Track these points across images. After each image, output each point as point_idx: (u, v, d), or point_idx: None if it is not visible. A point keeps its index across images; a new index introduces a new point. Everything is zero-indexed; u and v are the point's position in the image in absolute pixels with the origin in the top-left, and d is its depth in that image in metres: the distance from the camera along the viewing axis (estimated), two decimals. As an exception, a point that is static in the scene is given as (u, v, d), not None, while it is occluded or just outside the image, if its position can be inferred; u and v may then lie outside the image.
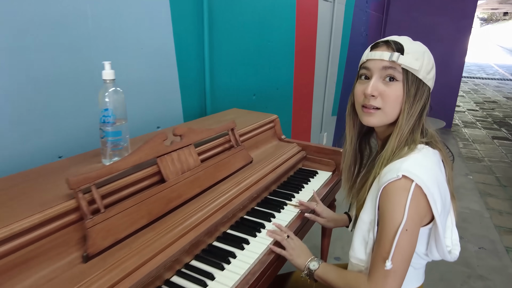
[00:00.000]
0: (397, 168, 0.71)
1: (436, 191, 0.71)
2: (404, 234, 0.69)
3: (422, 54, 0.77)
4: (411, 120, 0.76)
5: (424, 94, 0.77)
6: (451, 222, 0.84)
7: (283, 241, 0.91)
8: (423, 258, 0.81)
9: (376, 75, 0.78)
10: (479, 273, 1.98)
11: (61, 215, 0.70)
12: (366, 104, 0.79)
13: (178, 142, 0.98)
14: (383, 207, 0.73)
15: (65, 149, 1.03)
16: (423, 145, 0.77)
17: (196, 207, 0.91)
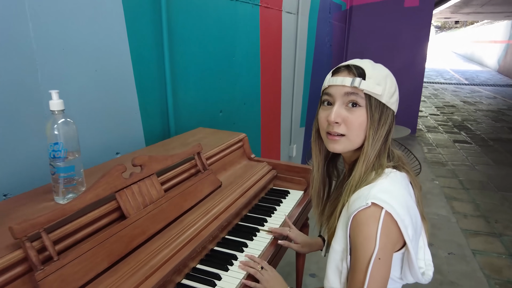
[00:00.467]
0: (366, 195, 0.72)
1: (406, 217, 0.73)
2: (377, 263, 0.70)
3: (384, 78, 0.78)
4: (377, 145, 0.77)
5: (389, 118, 0.79)
6: (423, 243, 0.87)
7: (256, 274, 0.89)
8: (398, 282, 0.82)
9: (338, 101, 0.78)
10: (450, 279, 2.07)
11: (6, 268, 0.63)
12: (330, 131, 0.79)
13: (138, 173, 0.93)
14: (354, 236, 0.73)
15: (11, 186, 0.95)
16: (391, 169, 0.79)
17: (161, 243, 0.87)
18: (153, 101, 1.42)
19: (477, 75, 13.28)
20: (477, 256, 2.32)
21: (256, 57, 2.27)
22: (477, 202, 3.15)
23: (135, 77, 1.31)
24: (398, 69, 5.10)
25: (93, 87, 1.15)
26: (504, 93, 9.39)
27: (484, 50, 16.08)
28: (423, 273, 0.83)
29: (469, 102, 8.16)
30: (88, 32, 1.10)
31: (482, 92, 9.55)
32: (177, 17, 1.49)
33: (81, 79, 1.10)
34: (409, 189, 0.81)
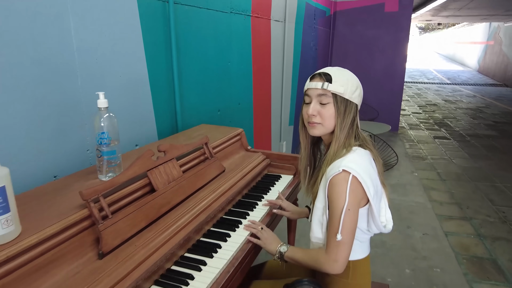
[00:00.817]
0: (338, 165, 1.00)
1: (368, 180, 1.01)
2: (347, 213, 0.97)
3: (347, 81, 1.06)
4: (345, 129, 1.06)
5: (352, 109, 1.07)
6: (384, 204, 1.14)
7: (257, 233, 1.16)
8: (366, 233, 1.10)
9: (314, 100, 1.07)
10: (423, 255, 2.37)
11: (78, 221, 0.88)
12: (310, 121, 1.08)
13: (163, 157, 1.19)
14: (330, 195, 1.00)
15: (59, 169, 1.19)
16: (357, 147, 1.07)
17: (183, 211, 1.13)
18: (164, 103, 1.68)
19: (459, 75, 13.86)
20: (449, 237, 2.62)
21: (248, 62, 2.55)
22: (452, 191, 3.48)
23: (150, 83, 1.56)
24: (379, 70, 5.45)
25: (119, 90, 1.40)
26: (483, 92, 9.90)
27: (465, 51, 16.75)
28: (385, 226, 1.10)
29: (450, 100, 8.60)
30: (116, 46, 1.35)
31: (463, 91, 10.04)
32: (182, 29, 1.75)
33: (110, 83, 1.35)
34: (371, 162, 1.09)
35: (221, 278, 0.95)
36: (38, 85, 1.09)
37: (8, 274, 0.73)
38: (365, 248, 1.13)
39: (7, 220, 0.74)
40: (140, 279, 0.87)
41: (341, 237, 0.97)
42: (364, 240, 1.12)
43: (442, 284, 2.10)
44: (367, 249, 1.15)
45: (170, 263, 0.99)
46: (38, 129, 1.11)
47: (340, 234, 0.97)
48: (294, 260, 1.09)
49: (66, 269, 0.83)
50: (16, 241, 0.76)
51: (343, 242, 0.98)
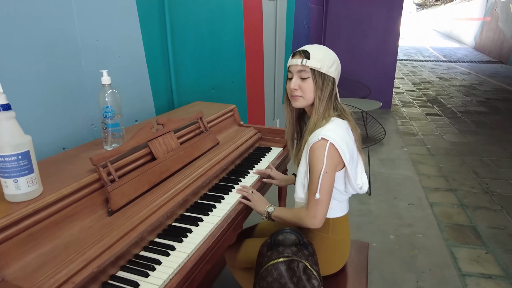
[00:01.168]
0: (318, 134, 1.13)
1: (344, 146, 1.14)
2: (325, 175, 1.11)
3: (324, 57, 1.17)
4: (323, 101, 1.18)
5: (330, 82, 1.18)
6: (361, 169, 1.29)
7: (248, 195, 1.30)
8: (344, 194, 1.24)
9: (295, 75, 1.19)
10: (407, 222, 2.55)
11: (90, 183, 1.02)
12: (292, 95, 1.21)
13: (162, 129, 1.31)
14: (311, 160, 1.14)
15: (67, 142, 1.32)
16: (335, 118, 1.20)
17: (181, 177, 1.26)
18: (161, 81, 1.78)
19: (455, 52, 13.87)
20: (433, 207, 2.80)
21: (241, 41, 2.63)
22: (440, 165, 3.65)
23: (147, 62, 1.67)
24: (372, 48, 5.52)
25: (118, 70, 1.51)
26: (478, 69, 9.99)
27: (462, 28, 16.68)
28: (361, 188, 1.25)
29: (445, 78, 8.70)
30: (115, 28, 1.45)
31: (458, 69, 10.12)
32: (177, 10, 1.83)
33: (110, 63, 1.46)
34: (348, 131, 1.22)
35: (216, 232, 1.10)
36: (46, 66, 1.20)
37: (33, 225, 0.87)
38: (343, 207, 1.28)
39: (32, 179, 0.87)
40: (145, 232, 1.01)
41: (319, 196, 1.11)
42: (342, 200, 1.26)
43: (423, 247, 2.28)
44: (346, 208, 1.30)
45: (171, 220, 1.14)
46: (47, 106, 1.23)
47: (318, 193, 1.11)
48: (280, 218, 1.24)
49: (81, 224, 0.97)
50: (39, 198, 0.90)
51: (321, 200, 1.12)
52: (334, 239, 1.27)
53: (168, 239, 1.05)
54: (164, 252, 0.98)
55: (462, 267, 2.14)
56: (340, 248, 1.30)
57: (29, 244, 0.84)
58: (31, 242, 0.85)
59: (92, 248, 0.89)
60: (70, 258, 0.84)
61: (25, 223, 0.85)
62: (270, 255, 1.05)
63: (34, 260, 0.82)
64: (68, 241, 0.90)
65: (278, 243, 1.07)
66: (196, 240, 1.04)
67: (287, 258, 1.02)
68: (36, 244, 0.85)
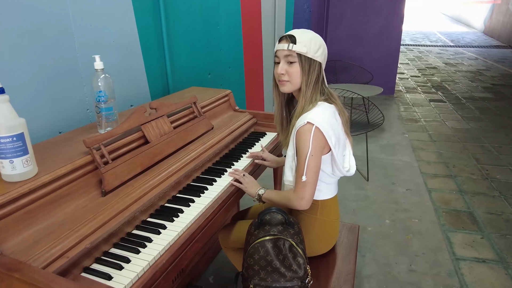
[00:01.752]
0: (304, 118, 1.16)
1: (330, 130, 1.17)
2: (311, 158, 1.15)
3: (309, 41, 1.19)
4: (310, 85, 1.21)
5: (316, 67, 1.21)
6: (348, 151, 1.32)
7: (240, 178, 1.35)
8: (331, 176, 1.29)
9: (282, 60, 1.21)
10: (404, 207, 2.60)
11: (84, 165, 1.07)
12: (280, 79, 1.23)
13: (155, 114, 1.35)
14: (297, 143, 1.18)
15: (63, 125, 1.36)
16: (322, 102, 1.23)
17: (174, 160, 1.31)
18: (155, 65, 1.82)
19: (463, 36, 13.65)
20: (432, 193, 2.84)
21: (238, 25, 2.64)
22: (441, 151, 3.67)
23: (141, 46, 1.70)
24: (375, 33, 5.47)
25: (113, 54, 1.54)
26: (486, 54, 9.85)
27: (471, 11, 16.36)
28: (348, 170, 1.29)
29: (451, 63, 8.60)
30: (108, 11, 1.48)
31: (465, 54, 9.98)
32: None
33: (104, 47, 1.49)
34: (335, 115, 1.25)
35: (206, 212, 1.15)
36: (40, 51, 1.24)
37: (29, 204, 0.92)
38: (332, 189, 1.32)
39: (27, 160, 0.92)
40: (137, 211, 1.07)
41: (306, 178, 1.15)
42: (330, 182, 1.30)
43: (418, 232, 2.33)
44: (334, 190, 1.34)
45: (163, 201, 1.19)
46: (42, 90, 1.27)
47: (305, 175, 1.15)
48: (270, 200, 1.28)
49: (75, 203, 1.02)
50: (34, 178, 0.95)
51: (308, 182, 1.16)
52: (323, 220, 1.31)
53: (160, 218, 1.10)
54: (155, 231, 1.04)
55: (457, 252, 2.19)
56: (329, 229, 1.35)
57: (26, 221, 0.90)
58: (28, 220, 0.90)
59: (86, 225, 0.94)
60: (64, 234, 0.90)
61: (22, 201, 0.90)
62: (257, 233, 1.10)
63: (31, 236, 0.88)
64: (63, 219, 0.95)
65: (265, 222, 1.12)
66: (187, 220, 1.09)
67: (273, 236, 1.07)
68: (33, 221, 0.91)
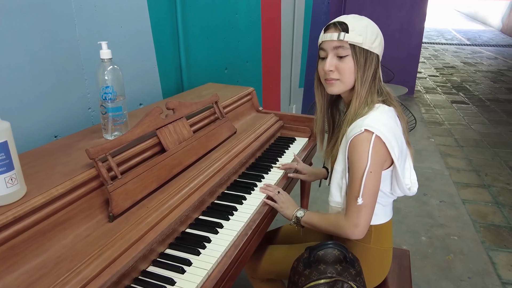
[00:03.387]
0: (360, 125, 0.95)
1: (393, 139, 0.97)
2: (369, 175, 0.94)
3: (365, 28, 0.98)
4: (366, 84, 1.00)
5: (373, 60, 1.00)
6: (409, 165, 1.11)
7: (274, 196, 1.14)
8: (389, 196, 1.08)
9: (330, 53, 1.00)
10: (440, 222, 2.39)
11: (86, 182, 0.86)
12: (327, 78, 1.02)
13: (172, 115, 1.15)
14: (351, 156, 0.97)
15: (59, 128, 1.15)
16: (380, 104, 1.02)
17: (196, 172, 1.10)
18: (169, 58, 1.61)
19: (480, 35, 13.40)
20: (466, 204, 2.63)
21: (257, 16, 2.43)
22: (470, 158, 3.46)
23: (153, 35, 1.49)
24: (395, 29, 5.25)
25: (120, 43, 1.33)
26: (506, 54, 9.61)
27: (488, 8, 16.09)
28: (409, 188, 1.08)
29: (470, 63, 8.37)
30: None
31: (484, 53, 9.75)
32: (186, -25, 1.64)
33: (110, 35, 1.28)
34: (396, 120, 1.04)
35: (239, 241, 0.94)
36: (32, 36, 1.03)
37: (14, 236, 0.71)
38: (388, 212, 1.12)
39: (11, 178, 0.71)
40: (155, 242, 0.86)
41: (362, 201, 0.94)
42: (386, 204, 1.10)
43: (459, 251, 2.12)
44: (390, 212, 1.14)
45: (185, 226, 0.98)
46: (34, 85, 1.06)
47: (361, 197, 0.94)
48: (312, 225, 1.08)
49: (75, 232, 0.81)
50: (22, 201, 0.74)
51: (364, 206, 0.95)
52: (377, 249, 1.11)
53: (183, 250, 0.89)
54: (178, 269, 0.83)
55: (502, 274, 1.98)
56: (382, 259, 1.15)
57: (10, 260, 0.69)
58: (12, 258, 0.70)
59: (90, 264, 0.73)
60: (62, 278, 0.69)
61: (5, 233, 0.69)
62: (309, 274, 0.89)
63: (16, 281, 0.67)
64: (59, 255, 0.75)
65: (318, 259, 0.91)
66: (217, 253, 0.88)
67: (330, 279, 0.86)
68: (19, 260, 0.70)
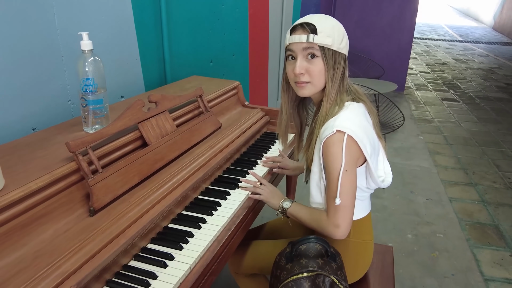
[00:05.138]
0: (331, 125, 0.99)
1: (364, 137, 1.01)
2: (345, 174, 0.98)
3: (332, 29, 1.01)
4: (335, 85, 1.03)
5: (341, 61, 1.04)
6: (382, 156, 1.16)
7: (256, 189, 1.17)
8: (365, 191, 1.12)
9: (300, 55, 1.03)
10: (426, 220, 2.47)
11: (66, 175, 0.88)
12: (297, 81, 1.05)
13: (155, 109, 1.16)
14: (326, 158, 1.01)
15: (37, 121, 1.16)
16: (350, 102, 1.06)
17: (178, 167, 1.13)
18: (152, 49, 1.62)
19: (472, 31, 13.70)
20: (453, 202, 2.72)
21: (244, 7, 2.45)
22: (459, 156, 3.56)
23: (136, 25, 1.50)
24: (386, 23, 5.33)
25: (101, 33, 1.34)
26: (497, 51, 9.86)
27: (480, 5, 16.44)
28: (383, 180, 1.13)
29: (461, 60, 8.56)
30: (93, -22, 1.27)
31: (475, 50, 9.98)
32: (171, -36, 1.65)
33: (91, 24, 1.29)
34: (366, 116, 1.09)
35: (222, 236, 0.98)
36: (7, 24, 1.03)
37: (-7, 229, 0.73)
38: (366, 206, 1.16)
39: (-12, 170, 0.72)
40: (136, 236, 0.88)
41: (340, 200, 0.98)
42: (363, 199, 1.14)
43: (444, 249, 2.20)
44: (368, 206, 1.18)
45: (167, 221, 1.01)
46: (10, 75, 1.07)
47: (338, 198, 0.98)
48: (297, 217, 1.11)
49: (55, 226, 0.83)
50: (0, 194, 0.76)
51: (343, 205, 0.99)
52: (357, 243, 1.16)
53: (165, 245, 0.92)
54: (159, 263, 0.86)
55: (485, 271, 2.07)
56: (363, 252, 1.20)
57: (-13, 253, 0.71)
58: (-11, 251, 0.71)
59: (70, 259, 0.75)
60: (41, 272, 0.71)
61: (-19, 226, 0.71)
62: (291, 268, 0.93)
63: (-7, 274, 0.69)
64: (38, 249, 0.77)
65: (300, 253, 0.95)
66: (199, 247, 0.91)
67: (312, 272, 0.90)
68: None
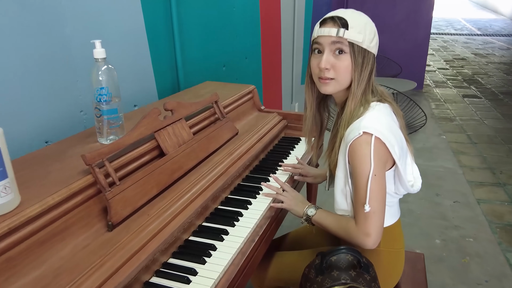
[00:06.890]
0: (357, 127, 0.96)
1: (392, 138, 0.98)
2: (374, 179, 0.95)
3: (364, 26, 0.99)
4: (362, 84, 1.01)
5: (370, 60, 1.01)
6: (410, 160, 1.13)
7: (278, 196, 1.15)
8: (394, 196, 1.09)
9: (327, 49, 1.00)
10: (454, 223, 2.40)
11: (83, 189, 0.87)
12: (322, 76, 1.02)
13: (171, 117, 1.15)
14: (352, 162, 0.98)
15: (50, 134, 1.16)
16: (376, 103, 1.03)
17: (197, 176, 1.11)
18: (164, 57, 1.62)
19: (491, 24, 13.46)
20: (481, 204, 2.65)
21: (255, 10, 2.44)
22: (484, 155, 3.47)
23: (147, 33, 1.50)
24: (402, 19, 5.26)
25: (113, 42, 1.34)
26: (519, 44, 9.66)
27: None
28: (412, 185, 1.09)
29: (481, 54, 8.41)
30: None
31: (495, 43, 9.79)
32: (181, -32, 1.65)
33: (103, 33, 1.29)
34: (393, 117, 1.06)
35: (246, 247, 0.95)
36: (20, 35, 1.04)
37: (10, 248, 0.72)
38: (395, 212, 1.13)
39: (5, 187, 0.72)
40: (157, 251, 0.87)
41: (370, 207, 0.95)
42: (392, 204, 1.10)
43: (475, 254, 2.14)
44: (397, 212, 1.14)
45: (188, 233, 0.99)
46: (22, 87, 1.07)
47: (368, 204, 0.95)
48: (323, 225, 1.08)
49: (73, 242, 0.82)
50: (16, 211, 0.75)
51: (373, 212, 0.96)
52: (388, 252, 1.12)
53: (187, 259, 0.90)
54: (183, 279, 0.84)
55: (521, 278, 2.00)
56: (394, 261, 1.16)
57: (7, 273, 0.70)
58: (9, 270, 0.71)
59: (91, 276, 0.74)
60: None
61: (0, 245, 0.70)
62: (322, 281, 0.90)
63: (14, 295, 0.68)
64: (58, 266, 0.76)
65: (331, 265, 0.92)
66: (223, 261, 0.89)
67: (345, 285, 0.87)
68: (16, 272, 0.71)
